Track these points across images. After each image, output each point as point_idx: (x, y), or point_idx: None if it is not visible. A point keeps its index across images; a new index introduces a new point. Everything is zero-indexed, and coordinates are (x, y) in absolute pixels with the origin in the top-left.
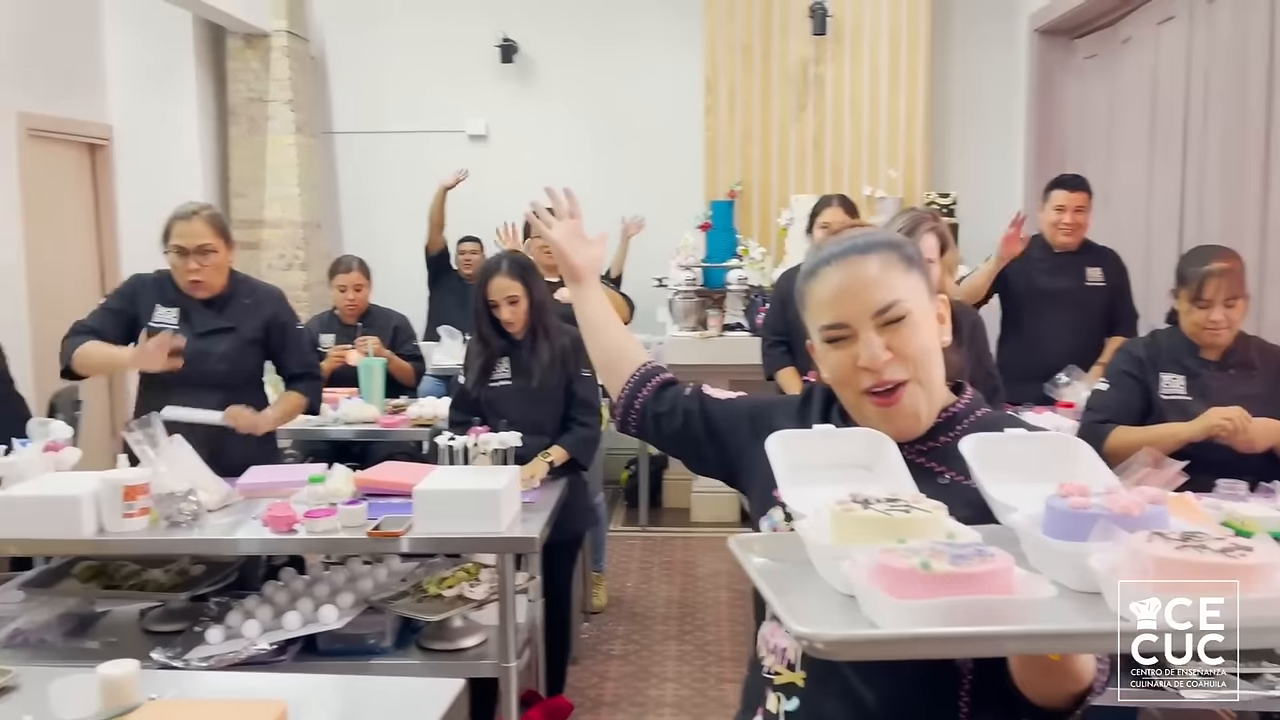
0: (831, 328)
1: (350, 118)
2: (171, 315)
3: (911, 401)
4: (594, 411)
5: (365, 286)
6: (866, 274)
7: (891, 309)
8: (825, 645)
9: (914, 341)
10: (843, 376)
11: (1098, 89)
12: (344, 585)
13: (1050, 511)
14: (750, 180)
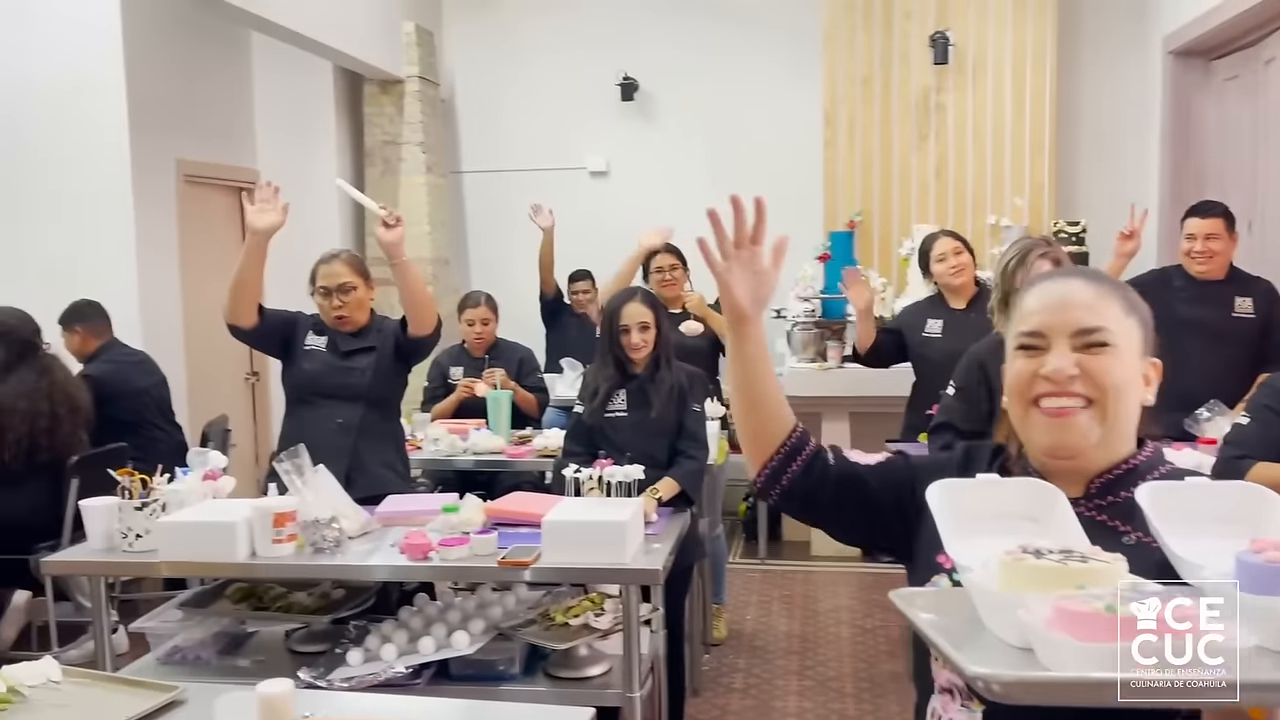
0: (1028, 334)
1: (477, 157)
2: (320, 341)
3: (1085, 423)
4: (702, 445)
5: (492, 321)
6: (1081, 295)
7: (1095, 334)
8: (1002, 686)
9: (1110, 371)
10: (1020, 385)
11: (1239, 112)
12: (475, 612)
13: (1242, 566)
14: (870, 210)
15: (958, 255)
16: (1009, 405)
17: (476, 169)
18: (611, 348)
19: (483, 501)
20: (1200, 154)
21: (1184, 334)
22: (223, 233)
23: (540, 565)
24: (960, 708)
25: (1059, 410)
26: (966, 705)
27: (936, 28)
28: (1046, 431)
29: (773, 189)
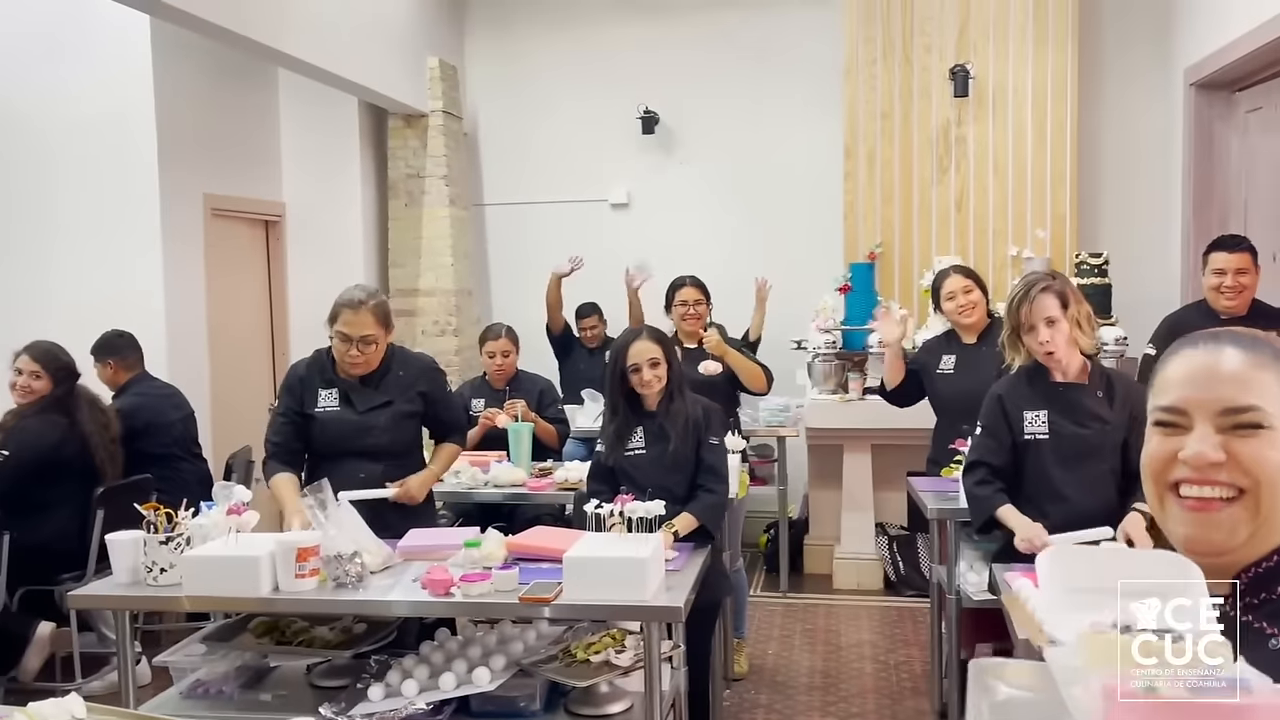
0: (1167, 410)
1: (499, 190)
2: (333, 398)
3: (1233, 518)
4: (721, 479)
5: (513, 352)
6: (1230, 365)
7: (1247, 413)
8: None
9: (1266, 456)
10: (1155, 467)
11: (1264, 143)
12: (495, 648)
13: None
14: (891, 242)
15: (967, 294)
16: (1145, 487)
17: (499, 201)
18: (620, 387)
19: (504, 536)
20: (1224, 185)
21: None
22: (249, 264)
23: (561, 602)
24: None
25: (1201, 503)
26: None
27: (957, 61)
28: (1185, 524)
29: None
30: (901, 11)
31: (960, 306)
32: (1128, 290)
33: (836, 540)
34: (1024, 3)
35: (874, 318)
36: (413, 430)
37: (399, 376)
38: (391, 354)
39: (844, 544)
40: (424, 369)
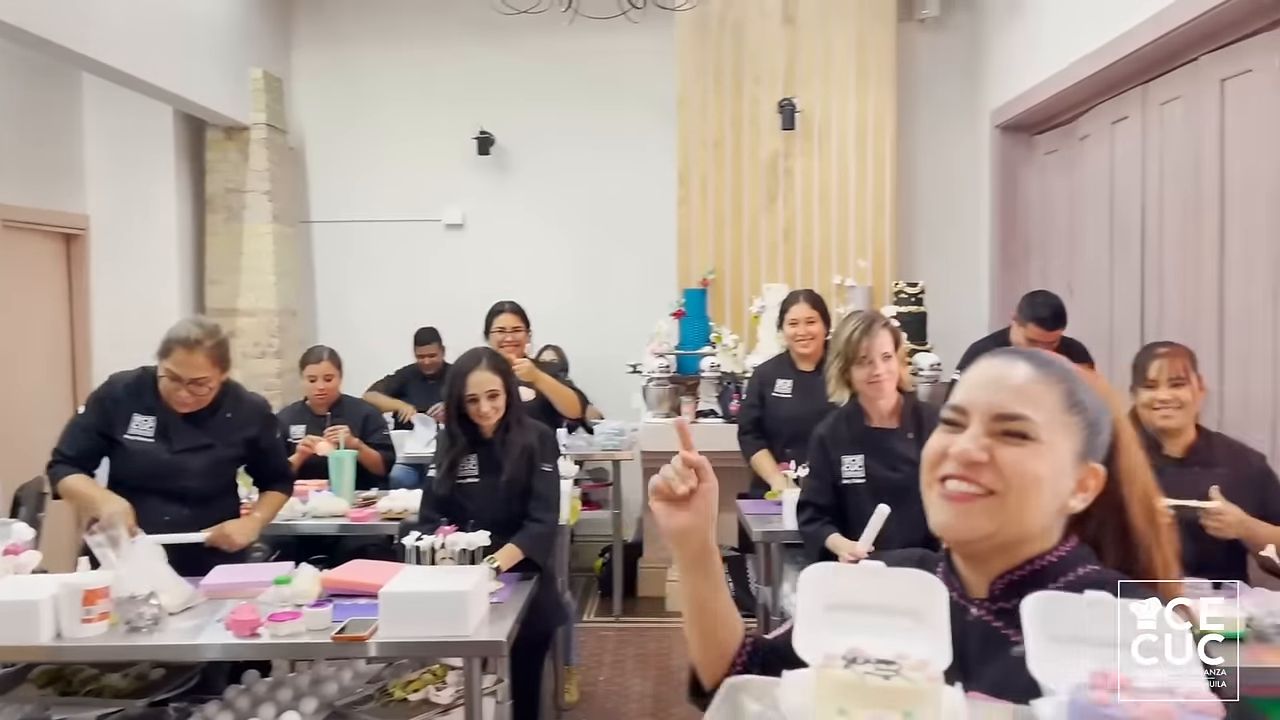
0: (952, 408)
1: (327, 207)
2: (148, 426)
3: (983, 515)
4: (551, 507)
5: (336, 376)
6: (1016, 377)
7: (1017, 421)
8: None
9: (1026, 465)
10: (930, 460)
11: (1058, 183)
12: (308, 689)
13: (1073, 707)
14: (723, 269)
15: (809, 325)
16: (922, 480)
17: (327, 219)
18: (456, 414)
19: (319, 571)
20: (1025, 222)
21: None
22: (46, 281)
23: (377, 640)
24: None
25: (956, 494)
26: None
27: (785, 94)
28: (939, 510)
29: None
30: (732, 45)
31: (800, 336)
32: (941, 319)
33: (670, 562)
34: (847, 42)
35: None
36: (229, 476)
37: (226, 419)
38: (224, 392)
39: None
40: (256, 414)
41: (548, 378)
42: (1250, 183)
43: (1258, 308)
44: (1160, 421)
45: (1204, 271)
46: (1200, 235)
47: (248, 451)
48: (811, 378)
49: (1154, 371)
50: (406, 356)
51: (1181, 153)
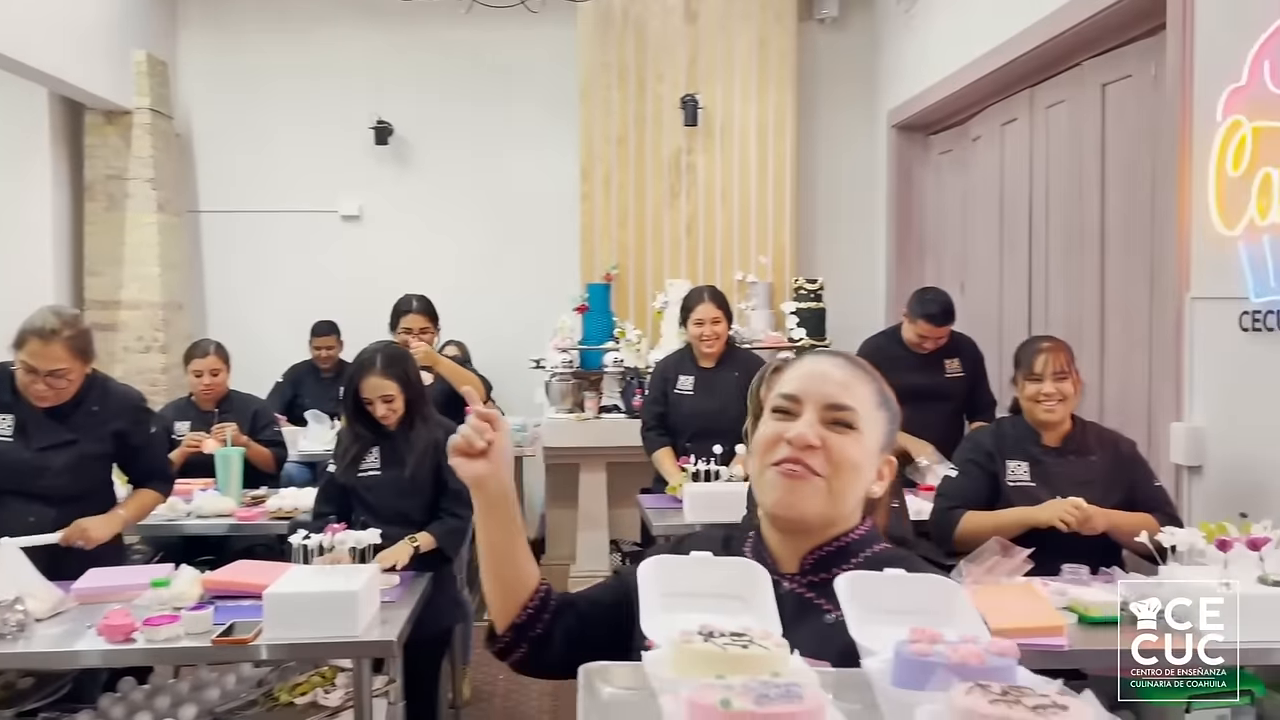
0: (785, 397)
1: (217, 196)
2: (6, 425)
3: (812, 494)
4: (465, 503)
5: (223, 371)
6: (841, 374)
7: (846, 412)
8: None
9: (849, 451)
10: (765, 444)
11: (952, 183)
12: (188, 696)
13: (897, 658)
14: (626, 264)
15: (714, 325)
16: (751, 466)
17: (216, 209)
18: (355, 410)
19: (201, 573)
20: (920, 220)
21: (909, 399)
22: None
23: (261, 643)
24: None
25: (793, 471)
26: None
27: (687, 91)
28: (776, 488)
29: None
30: (635, 40)
31: (705, 336)
32: (840, 314)
33: (572, 559)
34: (748, 41)
35: None
36: (99, 473)
37: (91, 412)
38: (89, 384)
39: (580, 563)
40: (125, 406)
41: (447, 362)
42: (1129, 184)
43: (1136, 303)
44: (1043, 415)
45: (1086, 268)
46: (1083, 234)
47: (117, 447)
48: (713, 374)
49: (1039, 366)
50: (302, 352)
51: (1066, 154)
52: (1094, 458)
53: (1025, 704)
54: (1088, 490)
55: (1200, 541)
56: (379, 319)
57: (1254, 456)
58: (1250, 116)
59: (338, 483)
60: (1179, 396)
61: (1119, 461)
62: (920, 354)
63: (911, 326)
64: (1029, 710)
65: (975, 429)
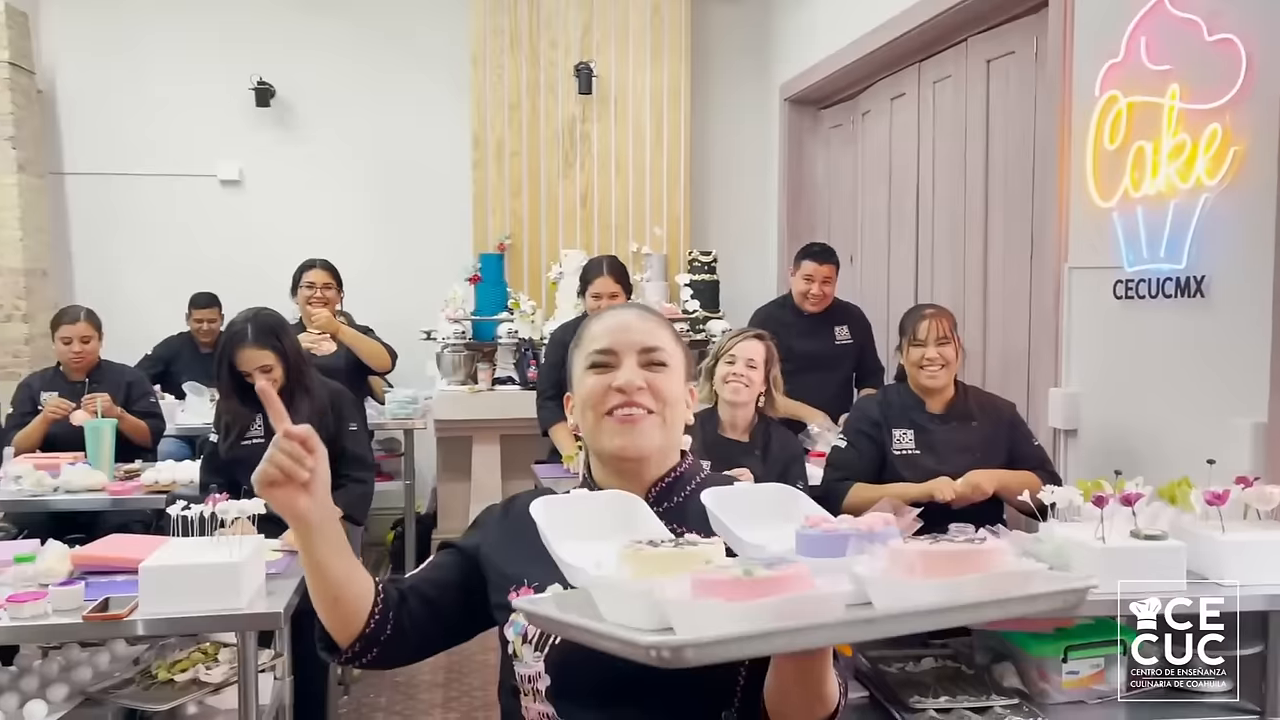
0: (600, 352)
1: (84, 158)
2: None
3: (650, 430)
4: (366, 466)
5: (94, 339)
6: (642, 321)
7: (656, 352)
8: (676, 652)
9: (669, 386)
10: (595, 398)
11: (843, 156)
12: (57, 676)
13: (804, 539)
14: (520, 234)
15: (613, 299)
16: (584, 420)
17: (84, 170)
18: (232, 380)
19: (69, 549)
20: (812, 194)
21: (799, 366)
22: None
23: (137, 618)
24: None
25: (630, 417)
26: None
27: (581, 59)
28: (617, 435)
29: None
30: (528, 5)
31: (603, 309)
32: (733, 286)
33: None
34: (642, 10)
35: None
36: None
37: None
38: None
39: None
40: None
41: (350, 330)
42: (1012, 157)
43: (1017, 273)
44: (926, 380)
45: (971, 240)
46: (968, 207)
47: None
48: None
49: (922, 331)
50: (178, 323)
51: (952, 128)
52: (976, 423)
53: (957, 540)
54: (971, 456)
55: (1078, 499)
56: (261, 288)
57: (1125, 420)
58: (1126, 92)
59: (222, 456)
60: (1057, 363)
61: (999, 425)
62: (810, 319)
63: (798, 275)
64: (963, 544)
65: (864, 395)
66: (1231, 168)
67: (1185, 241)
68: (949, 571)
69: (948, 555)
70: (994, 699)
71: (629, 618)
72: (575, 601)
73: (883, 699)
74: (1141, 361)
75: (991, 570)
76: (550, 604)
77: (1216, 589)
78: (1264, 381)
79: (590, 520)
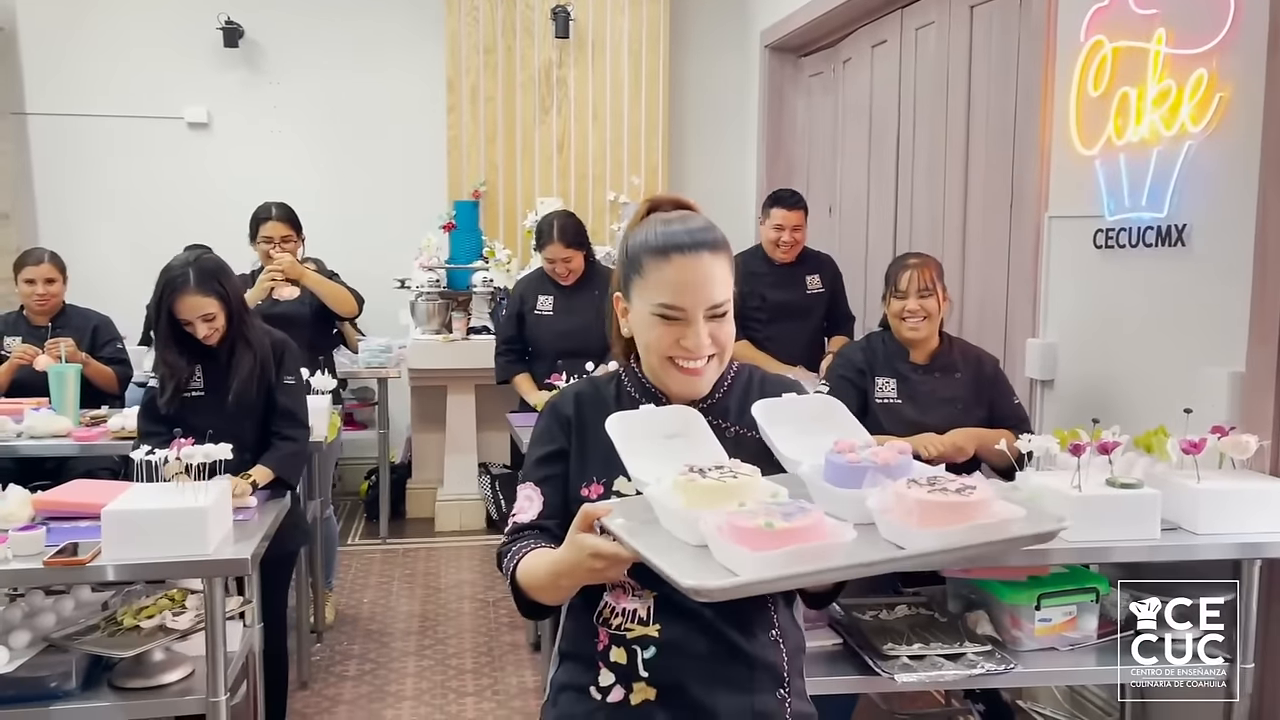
0: (669, 308)
1: (47, 98)
2: None
3: (710, 373)
4: (298, 423)
5: (59, 281)
6: (712, 272)
7: (721, 306)
8: (709, 592)
9: (729, 329)
10: (663, 347)
11: (823, 105)
12: (20, 623)
13: (830, 465)
14: (495, 181)
15: (566, 263)
16: (647, 357)
17: (46, 111)
18: (170, 329)
19: (30, 494)
20: (791, 143)
21: (772, 315)
22: None
23: (100, 563)
24: (634, 597)
25: (694, 373)
26: (639, 594)
27: (558, 1)
28: (677, 381)
29: (395, 154)
30: None
31: (557, 272)
32: None
33: (440, 482)
34: None
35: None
36: None
37: None
38: None
39: (447, 486)
40: None
41: (314, 275)
42: (994, 105)
43: (996, 223)
44: (908, 332)
45: (950, 189)
46: (948, 155)
47: None
48: (573, 292)
49: (904, 283)
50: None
51: (934, 76)
52: (959, 374)
53: (950, 489)
54: (952, 407)
55: (1055, 447)
56: (229, 233)
57: (1103, 370)
58: (1111, 37)
59: (161, 410)
60: (1035, 313)
61: (982, 379)
62: (782, 268)
63: (768, 223)
64: (954, 493)
65: (838, 343)
66: (1216, 114)
67: (1167, 190)
68: (940, 521)
69: (942, 505)
70: (967, 646)
71: (679, 532)
72: (638, 507)
73: (856, 646)
74: (1120, 311)
75: (976, 520)
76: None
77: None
78: (1242, 331)
79: (655, 432)
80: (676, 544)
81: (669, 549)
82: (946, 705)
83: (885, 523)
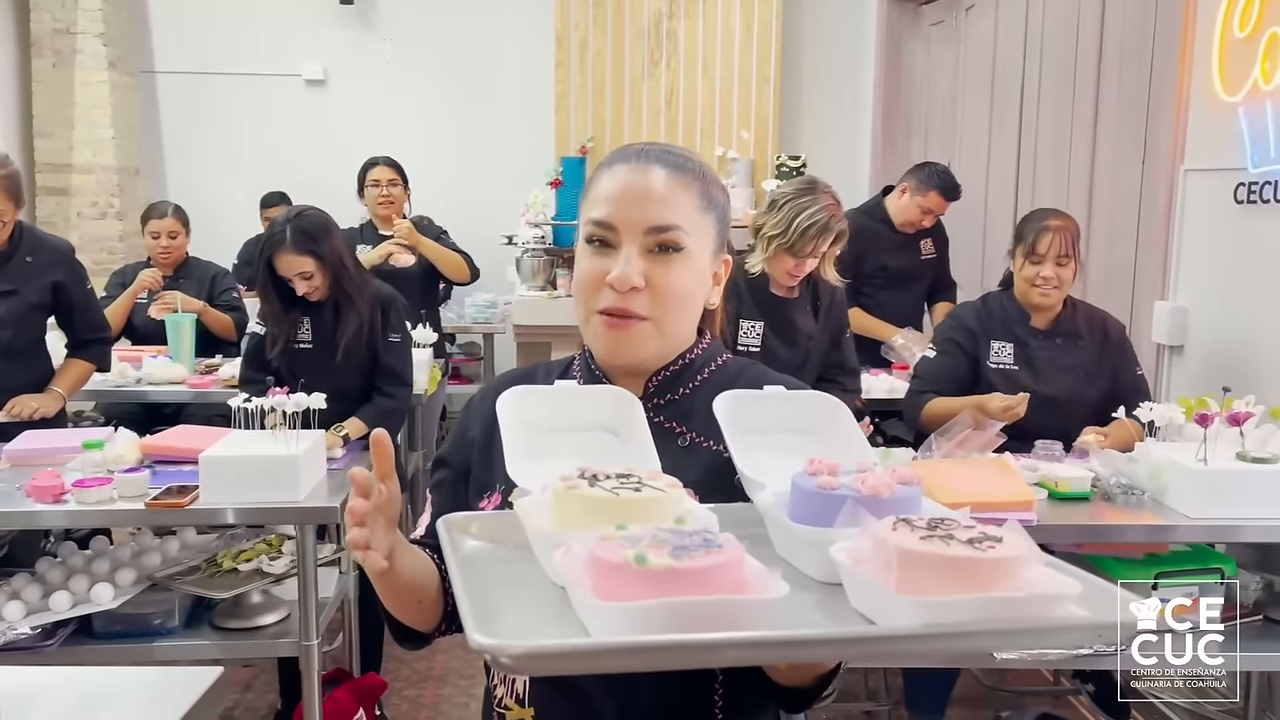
0: (599, 224)
1: (174, 57)
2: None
3: (642, 339)
4: (400, 380)
5: (182, 234)
6: (658, 186)
7: (668, 233)
8: (511, 660)
9: (676, 281)
10: (588, 285)
11: (943, 56)
12: (128, 561)
13: (796, 491)
14: (602, 137)
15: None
16: (578, 304)
17: (173, 69)
18: (273, 283)
19: (138, 437)
20: (909, 94)
21: (886, 281)
22: None
23: (199, 506)
24: None
25: (619, 324)
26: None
27: None
28: (601, 337)
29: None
30: None
31: None
32: None
33: None
34: None
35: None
36: (38, 326)
37: (26, 264)
38: (20, 233)
39: None
40: (59, 257)
41: (429, 241)
42: (1127, 52)
43: (1126, 178)
44: (1038, 298)
45: (1077, 143)
46: (1075, 107)
47: (55, 299)
48: None
49: (1043, 246)
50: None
51: (1063, 21)
52: (1082, 342)
53: (959, 538)
54: (1072, 376)
55: (1179, 417)
56: (344, 188)
57: (1237, 335)
58: None
59: (268, 357)
60: (1165, 274)
61: (1106, 346)
62: (902, 235)
63: (918, 200)
64: (964, 544)
65: (943, 310)
66: None
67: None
68: (933, 587)
69: (939, 560)
70: None
71: (547, 568)
72: (507, 527)
73: None
74: (1261, 273)
75: (990, 590)
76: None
77: None
78: None
79: (573, 423)
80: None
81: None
82: (1055, 684)
83: (854, 582)
